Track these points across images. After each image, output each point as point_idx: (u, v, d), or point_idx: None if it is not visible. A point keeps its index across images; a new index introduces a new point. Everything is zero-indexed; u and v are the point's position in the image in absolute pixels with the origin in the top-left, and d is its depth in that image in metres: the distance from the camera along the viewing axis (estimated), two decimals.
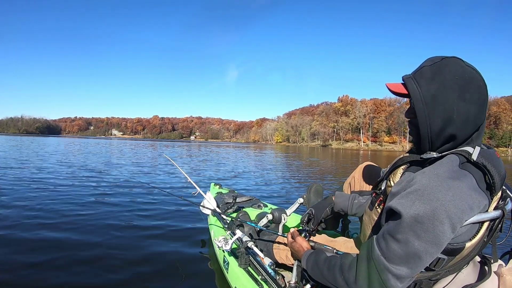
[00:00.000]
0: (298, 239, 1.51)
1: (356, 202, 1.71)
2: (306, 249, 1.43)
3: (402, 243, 0.95)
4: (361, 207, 1.68)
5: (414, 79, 1.10)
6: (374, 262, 1.00)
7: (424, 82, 1.06)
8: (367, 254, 1.04)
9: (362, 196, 1.73)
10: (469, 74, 1.02)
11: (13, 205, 4.54)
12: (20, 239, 3.18)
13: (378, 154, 45.95)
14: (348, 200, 1.74)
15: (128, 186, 6.76)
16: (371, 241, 1.07)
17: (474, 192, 0.95)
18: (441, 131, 1.05)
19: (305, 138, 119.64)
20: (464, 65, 1.04)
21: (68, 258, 2.76)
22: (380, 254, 0.99)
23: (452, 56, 1.06)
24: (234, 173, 10.71)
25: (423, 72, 1.08)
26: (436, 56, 1.09)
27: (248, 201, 3.20)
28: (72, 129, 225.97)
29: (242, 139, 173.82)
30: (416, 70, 1.12)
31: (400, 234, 0.95)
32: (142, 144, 46.28)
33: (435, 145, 1.10)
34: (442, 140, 1.08)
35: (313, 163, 18.97)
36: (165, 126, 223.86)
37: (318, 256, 1.28)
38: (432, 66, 1.06)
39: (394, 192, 1.09)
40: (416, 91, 1.07)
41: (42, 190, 5.81)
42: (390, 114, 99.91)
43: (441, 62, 1.05)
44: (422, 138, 1.11)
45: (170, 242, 3.26)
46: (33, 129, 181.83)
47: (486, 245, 1.13)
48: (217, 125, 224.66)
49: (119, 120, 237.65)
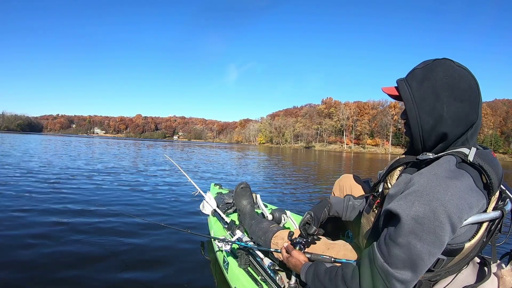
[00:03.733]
0: (294, 253, 1.47)
1: (351, 204, 1.71)
2: (304, 262, 1.41)
3: (404, 247, 0.95)
4: (354, 210, 1.69)
5: (406, 81, 1.15)
6: (378, 270, 1.00)
7: (415, 84, 1.10)
8: (369, 261, 1.04)
9: (356, 200, 1.72)
10: (459, 73, 1.05)
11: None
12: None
13: (361, 157, 46.42)
14: (343, 202, 1.74)
15: (124, 185, 6.67)
16: (372, 248, 1.06)
17: (472, 191, 0.97)
18: (432, 130, 1.08)
19: (288, 139, 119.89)
20: (454, 65, 1.07)
21: (68, 258, 2.72)
22: (383, 261, 0.99)
23: (443, 58, 1.10)
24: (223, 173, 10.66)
25: (415, 75, 1.12)
26: (429, 59, 1.13)
27: None
28: (54, 126, 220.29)
29: (225, 140, 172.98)
30: (409, 73, 1.16)
31: (401, 238, 0.95)
32: (130, 143, 45.57)
33: (427, 144, 1.12)
34: (434, 139, 1.10)
35: (312, 168, 18.67)
36: (148, 125, 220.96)
37: (318, 268, 1.27)
38: (423, 68, 1.11)
39: (392, 194, 1.10)
40: (406, 92, 1.12)
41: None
42: (373, 117, 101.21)
43: (432, 63, 1.10)
44: (414, 137, 1.14)
45: (169, 242, 3.24)
46: (14, 126, 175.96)
47: (485, 246, 1.14)
48: (200, 125, 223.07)
49: (101, 119, 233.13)
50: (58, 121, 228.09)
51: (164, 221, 4.05)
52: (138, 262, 2.74)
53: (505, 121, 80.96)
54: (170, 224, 3.64)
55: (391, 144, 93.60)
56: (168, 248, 3.09)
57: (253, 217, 2.41)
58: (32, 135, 73.82)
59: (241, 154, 28.72)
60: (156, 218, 4.20)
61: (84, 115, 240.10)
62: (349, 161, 28.77)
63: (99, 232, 3.46)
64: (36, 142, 29.34)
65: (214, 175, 10.20)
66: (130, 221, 3.87)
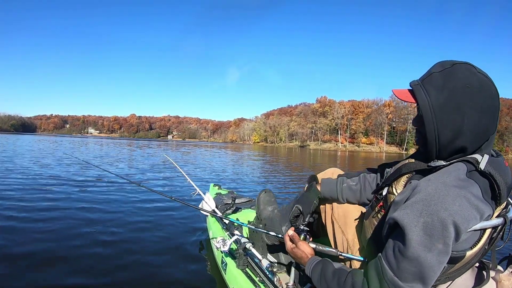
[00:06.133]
0: (300, 244, 1.39)
1: (346, 186, 1.59)
2: (310, 255, 1.34)
3: (414, 260, 0.92)
4: (351, 191, 1.58)
5: (422, 86, 1.05)
6: (388, 284, 0.96)
7: (434, 90, 1.02)
8: (377, 274, 1.01)
9: (350, 179, 1.61)
10: (481, 82, 0.98)
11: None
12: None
13: (355, 155, 46.54)
14: (335, 185, 1.61)
15: (123, 185, 6.62)
16: (379, 260, 1.02)
17: (480, 202, 0.93)
18: (450, 143, 1.02)
19: (283, 138, 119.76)
20: (476, 72, 1.00)
21: (67, 258, 2.73)
22: (393, 275, 0.96)
23: (464, 62, 1.02)
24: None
25: (433, 79, 1.03)
26: (446, 61, 1.05)
27: (247, 202, 3.19)
28: (48, 126, 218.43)
29: (220, 139, 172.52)
30: (424, 76, 1.07)
31: (410, 251, 0.92)
32: (125, 143, 45.38)
33: (442, 155, 1.07)
34: (450, 152, 1.05)
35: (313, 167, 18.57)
36: (142, 125, 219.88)
37: (326, 267, 1.21)
38: (442, 73, 1.02)
39: (398, 201, 1.07)
40: (425, 100, 1.03)
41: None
42: (368, 115, 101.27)
43: (452, 68, 1.01)
44: (429, 148, 1.07)
45: (168, 243, 3.23)
46: (7, 126, 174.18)
47: (486, 253, 1.13)
48: (194, 125, 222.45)
49: (95, 118, 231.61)
50: (52, 121, 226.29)
51: (164, 220, 4.05)
52: (136, 262, 2.73)
53: (500, 119, 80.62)
54: (168, 223, 3.64)
55: (386, 143, 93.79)
56: (167, 249, 3.08)
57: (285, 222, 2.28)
58: (25, 135, 73.13)
59: (237, 153, 28.70)
60: (155, 218, 4.19)
61: (78, 115, 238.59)
62: (344, 160, 28.85)
63: (99, 231, 3.46)
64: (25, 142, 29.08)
65: (213, 175, 10.18)
66: (127, 221, 3.88)
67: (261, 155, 28.71)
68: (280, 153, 38.51)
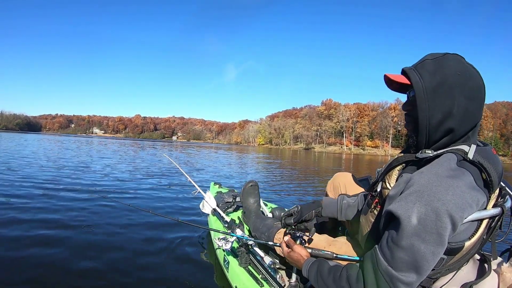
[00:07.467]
0: (296, 247, 1.44)
1: (345, 203, 1.68)
2: (306, 257, 1.38)
3: (407, 249, 0.94)
4: (350, 208, 1.65)
5: (416, 70, 1.10)
6: (382, 274, 0.99)
7: (427, 74, 1.07)
8: (372, 265, 1.03)
9: (350, 198, 1.70)
10: (470, 72, 1.05)
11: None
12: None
13: (360, 158, 46.48)
14: (336, 203, 1.71)
15: (122, 185, 6.66)
16: (374, 251, 1.06)
17: (473, 190, 0.96)
18: (440, 124, 1.06)
19: (287, 141, 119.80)
20: (465, 63, 1.07)
21: (66, 257, 2.72)
22: (387, 265, 0.99)
23: (454, 53, 1.09)
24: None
25: (425, 65, 1.09)
26: (438, 52, 1.12)
27: None
28: (53, 126, 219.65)
29: (225, 141, 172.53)
30: (417, 63, 1.13)
31: (404, 240, 0.94)
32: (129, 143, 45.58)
33: (432, 138, 1.10)
34: (440, 134, 1.08)
35: (312, 168, 18.70)
36: (147, 125, 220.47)
37: (321, 266, 1.25)
38: (434, 60, 1.08)
39: (392, 195, 1.09)
40: (418, 82, 1.08)
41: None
42: (373, 118, 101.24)
43: (443, 57, 1.08)
44: (420, 130, 1.10)
45: (169, 242, 3.23)
46: (13, 125, 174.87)
47: (485, 243, 1.14)
48: (199, 126, 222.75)
49: (100, 119, 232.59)
50: (57, 121, 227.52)
51: (164, 220, 4.03)
52: (136, 262, 2.73)
53: (505, 123, 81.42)
54: (168, 223, 3.65)
55: (391, 146, 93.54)
56: (168, 248, 3.08)
57: (259, 215, 2.41)
58: (30, 134, 73.62)
59: (241, 155, 28.70)
60: (156, 218, 4.17)
61: (83, 115, 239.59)
62: (349, 163, 28.78)
63: (97, 231, 3.46)
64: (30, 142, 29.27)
65: (213, 174, 10.20)
66: (127, 221, 3.88)
67: (265, 156, 28.72)
68: (285, 155, 38.50)
